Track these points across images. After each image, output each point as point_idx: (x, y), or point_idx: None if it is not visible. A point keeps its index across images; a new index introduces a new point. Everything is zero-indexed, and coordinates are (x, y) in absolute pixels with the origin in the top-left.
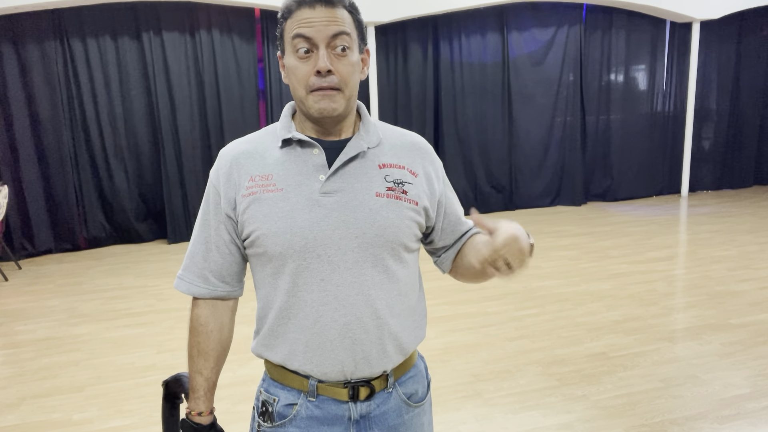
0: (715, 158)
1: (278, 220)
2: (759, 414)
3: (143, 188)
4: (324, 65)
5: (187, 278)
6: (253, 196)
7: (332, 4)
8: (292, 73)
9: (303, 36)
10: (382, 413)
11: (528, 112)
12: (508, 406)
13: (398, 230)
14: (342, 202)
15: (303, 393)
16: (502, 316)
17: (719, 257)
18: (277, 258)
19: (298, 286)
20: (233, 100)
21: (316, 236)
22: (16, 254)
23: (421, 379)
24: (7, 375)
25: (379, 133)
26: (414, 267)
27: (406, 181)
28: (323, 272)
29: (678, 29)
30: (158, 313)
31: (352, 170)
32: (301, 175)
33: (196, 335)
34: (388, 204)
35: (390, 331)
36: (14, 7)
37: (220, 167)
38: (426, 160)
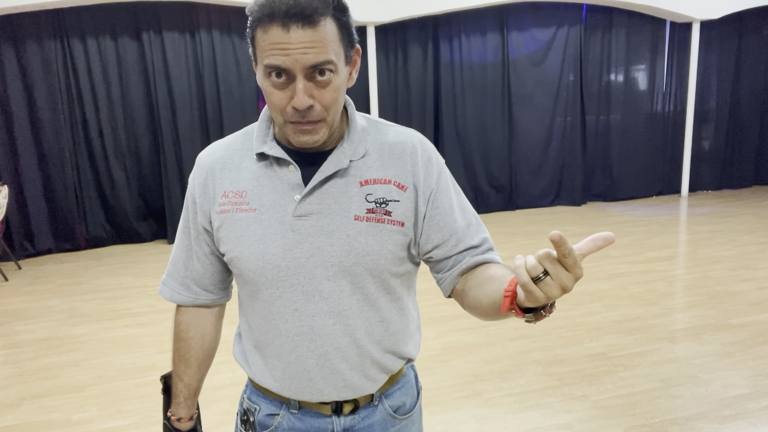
0: (715, 158)
1: (250, 245)
2: (759, 414)
3: (143, 188)
4: (302, 103)
5: (170, 285)
6: (226, 215)
7: (311, 22)
8: (267, 97)
9: (276, 67)
10: (367, 426)
11: (528, 112)
12: (508, 406)
13: (379, 257)
14: (317, 226)
15: (285, 404)
16: None
17: (719, 257)
18: (251, 283)
19: (272, 313)
20: (233, 100)
21: (289, 264)
22: (16, 254)
23: (409, 390)
24: (7, 375)
25: (366, 142)
26: (402, 290)
27: (390, 199)
28: (297, 302)
29: (678, 29)
30: (158, 313)
31: (330, 189)
32: (275, 194)
33: (178, 341)
34: (367, 228)
35: (372, 358)
36: (14, 7)
37: (196, 176)
38: (418, 164)
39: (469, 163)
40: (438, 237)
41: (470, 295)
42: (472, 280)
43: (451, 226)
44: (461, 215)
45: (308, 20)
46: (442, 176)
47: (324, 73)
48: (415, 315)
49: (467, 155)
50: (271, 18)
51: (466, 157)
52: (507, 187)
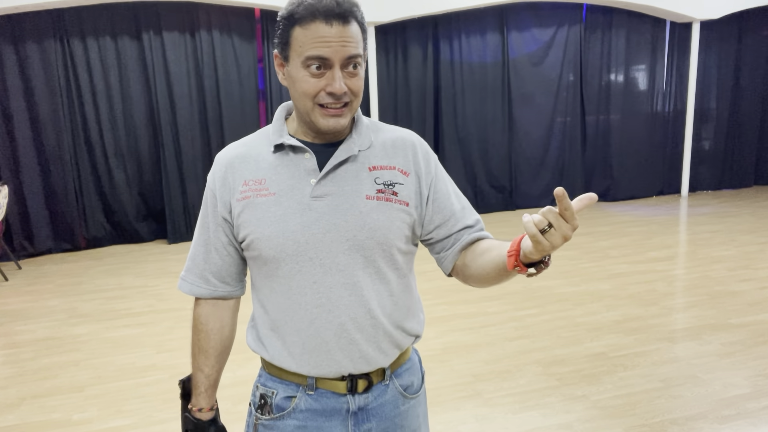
0: (715, 158)
1: (271, 225)
2: (759, 414)
3: (143, 188)
4: (340, 88)
5: (189, 279)
6: (246, 201)
7: (347, 21)
8: (299, 85)
9: (319, 57)
10: (380, 405)
11: (528, 112)
12: (508, 406)
13: (388, 232)
14: (332, 205)
15: (302, 386)
16: (502, 316)
17: (719, 257)
18: (271, 261)
19: (292, 289)
20: (233, 100)
21: (308, 240)
22: (16, 254)
23: (416, 371)
24: (7, 375)
25: (371, 135)
26: (406, 269)
27: (396, 182)
28: (315, 275)
29: (678, 29)
30: (158, 313)
31: (343, 174)
32: (293, 179)
33: (197, 333)
34: (378, 206)
35: (384, 329)
36: (14, 7)
37: (215, 171)
38: (418, 155)
39: (469, 163)
40: (439, 217)
41: (472, 265)
42: (471, 254)
43: (450, 208)
44: (456, 200)
45: (346, 19)
46: (438, 167)
47: (356, 66)
48: (417, 296)
49: (467, 155)
50: (314, 16)
51: (466, 157)
52: (507, 187)
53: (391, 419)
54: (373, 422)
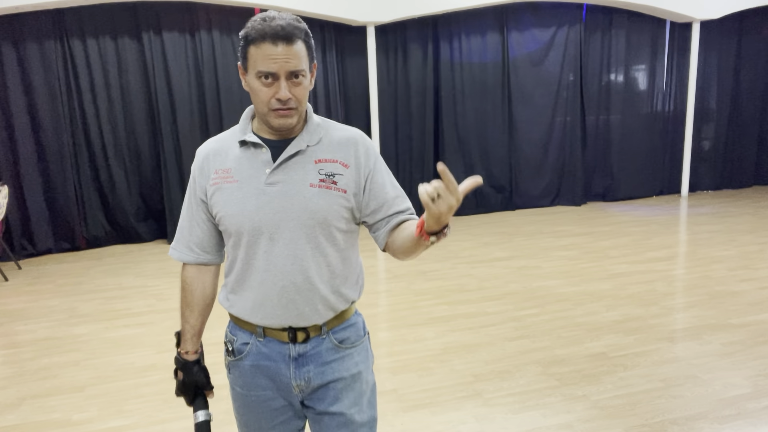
0: (715, 158)
1: (233, 205)
2: (759, 414)
3: (143, 188)
4: (284, 95)
5: (178, 248)
6: (216, 186)
7: (291, 41)
8: (256, 94)
9: (267, 72)
10: (317, 353)
11: (528, 112)
12: (508, 406)
13: (327, 214)
14: (282, 191)
15: (254, 334)
16: (502, 316)
17: (719, 257)
18: (234, 234)
19: (249, 256)
20: (233, 100)
21: (261, 218)
22: (16, 254)
23: (356, 330)
24: (7, 375)
25: (320, 133)
26: (347, 245)
27: (336, 173)
28: (266, 246)
29: (678, 29)
30: (158, 313)
31: (292, 165)
32: (252, 169)
33: (184, 292)
34: (319, 193)
35: (320, 294)
36: (14, 7)
37: (196, 162)
38: (359, 151)
39: (469, 163)
40: (374, 204)
41: (396, 240)
42: (397, 233)
43: (383, 197)
44: (392, 189)
45: (289, 40)
46: (378, 161)
47: (298, 77)
48: (357, 267)
49: (467, 155)
50: (263, 38)
51: (466, 157)
52: (507, 187)
53: (327, 364)
54: (310, 366)
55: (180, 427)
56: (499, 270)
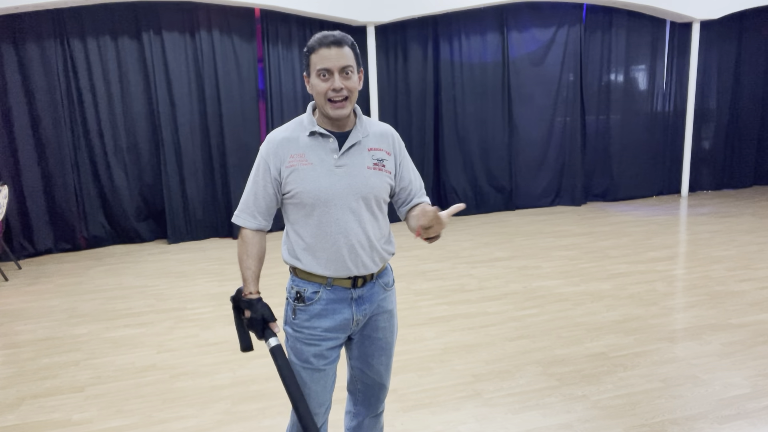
0: (715, 158)
1: (311, 182)
2: (759, 414)
3: (143, 188)
4: (338, 86)
5: (242, 217)
6: (292, 167)
7: (341, 45)
8: (316, 88)
9: (324, 69)
10: (370, 294)
11: (528, 112)
12: (508, 406)
13: (380, 190)
14: (348, 172)
15: (323, 285)
16: (502, 316)
17: (719, 257)
18: (309, 206)
19: (322, 223)
20: (233, 100)
21: (333, 193)
22: (16, 254)
23: (390, 275)
24: (7, 375)
25: (367, 127)
26: (386, 212)
27: (384, 159)
28: (337, 214)
29: (678, 29)
30: (158, 313)
31: (354, 152)
32: (323, 154)
33: (246, 246)
34: (374, 174)
35: (376, 249)
36: (14, 7)
37: (269, 147)
38: (395, 143)
39: (469, 163)
40: (402, 183)
41: (410, 219)
42: (410, 213)
43: (409, 180)
44: (413, 173)
45: (340, 44)
46: (404, 151)
47: (348, 73)
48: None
49: (467, 155)
50: (320, 45)
51: (466, 157)
52: (507, 187)
53: (378, 303)
54: (366, 304)
55: (180, 427)
56: (499, 270)
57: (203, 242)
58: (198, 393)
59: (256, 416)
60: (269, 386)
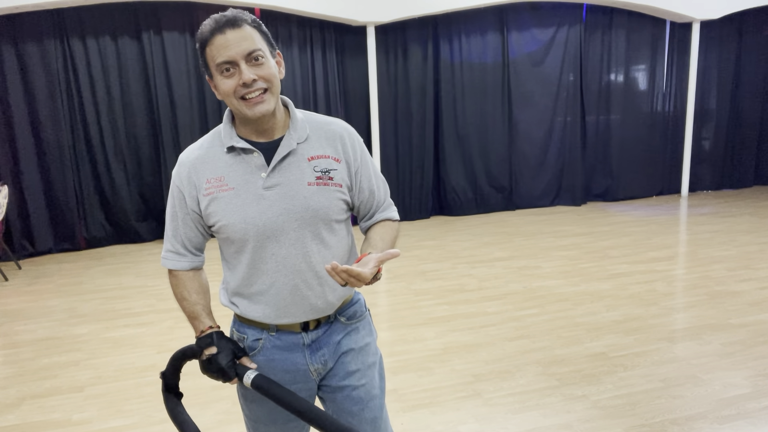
0: (715, 158)
1: (234, 214)
2: (759, 414)
3: (143, 188)
4: (248, 77)
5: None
6: (211, 195)
7: (238, 24)
8: (221, 88)
9: (225, 61)
10: (328, 335)
11: (528, 112)
12: (508, 406)
13: (328, 210)
14: (281, 193)
15: (266, 330)
16: (502, 316)
17: (719, 257)
18: (238, 241)
19: (255, 260)
20: None
21: (265, 223)
22: (16, 254)
23: (359, 306)
24: (7, 375)
25: (306, 128)
26: (344, 232)
27: (331, 168)
28: (273, 248)
29: (678, 29)
30: (158, 313)
31: (287, 166)
32: (246, 175)
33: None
34: (318, 191)
35: (329, 285)
36: (14, 7)
37: (181, 171)
38: (346, 145)
39: (469, 163)
40: (363, 195)
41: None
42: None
43: (370, 189)
44: (375, 182)
45: (235, 24)
46: (363, 154)
47: (257, 58)
48: (352, 245)
49: (467, 155)
50: (212, 33)
51: (466, 157)
52: (507, 187)
53: (338, 342)
54: (324, 349)
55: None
56: (499, 270)
57: None
58: (198, 393)
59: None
60: None
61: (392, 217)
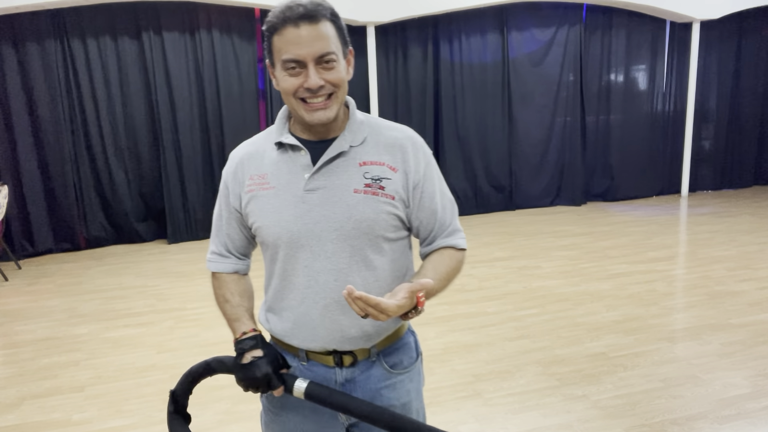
0: (715, 158)
1: (269, 215)
2: (759, 414)
3: (143, 188)
4: (315, 83)
5: (212, 259)
6: (252, 193)
7: (315, 19)
8: (282, 85)
9: (293, 60)
10: (365, 378)
11: (528, 112)
12: (508, 406)
13: (374, 223)
14: (323, 198)
15: (297, 357)
16: (502, 316)
17: (719, 257)
18: (271, 246)
19: (287, 271)
20: (233, 100)
21: (300, 229)
22: (16, 254)
23: (408, 351)
24: (7, 375)
25: (365, 131)
26: (396, 254)
27: (384, 177)
28: (306, 260)
29: (678, 29)
30: (158, 313)
31: (334, 168)
32: (290, 174)
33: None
34: (364, 199)
35: None
36: (14, 7)
37: (228, 167)
38: (408, 154)
39: (469, 163)
40: (423, 214)
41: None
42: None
43: (433, 209)
44: (440, 203)
45: (313, 19)
46: (429, 167)
47: (329, 61)
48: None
49: (467, 155)
50: (284, 23)
51: (466, 157)
52: (507, 187)
53: (377, 391)
54: (359, 393)
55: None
56: (499, 270)
57: (203, 242)
58: (198, 393)
59: (256, 416)
60: None
61: (457, 244)
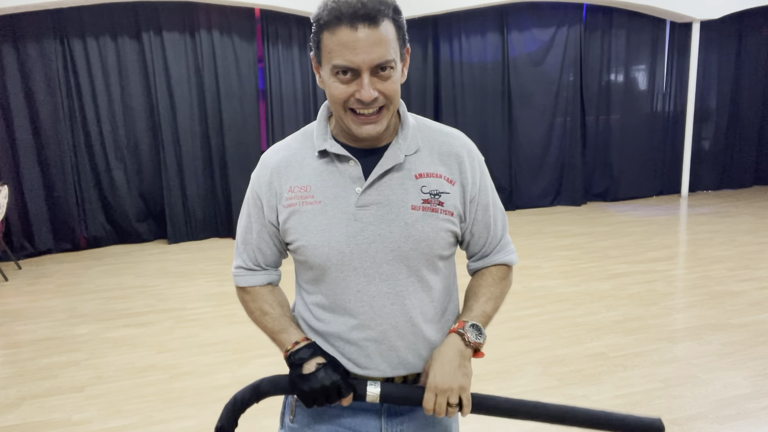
0: (715, 158)
1: (317, 234)
2: (759, 414)
3: (143, 188)
4: (369, 96)
5: (239, 274)
6: (292, 208)
7: (375, 22)
8: (330, 91)
9: (345, 66)
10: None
11: (528, 112)
12: None
13: (433, 243)
14: (378, 215)
15: None
16: (502, 316)
17: (719, 257)
18: (317, 268)
19: (336, 294)
20: (233, 100)
21: (353, 250)
22: (16, 254)
23: None
24: (7, 375)
25: (418, 139)
26: (448, 271)
27: (442, 191)
28: (359, 284)
29: (678, 29)
30: (158, 313)
31: (389, 182)
32: (338, 187)
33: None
34: (423, 217)
35: (424, 336)
36: (14, 7)
37: (262, 176)
38: (464, 165)
39: None
40: (477, 227)
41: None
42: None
43: (486, 222)
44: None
45: (373, 20)
46: (483, 176)
47: (386, 69)
48: (456, 299)
49: None
50: (338, 20)
51: None
52: (507, 187)
53: (423, 418)
54: (405, 416)
55: (180, 427)
56: None
57: (203, 242)
58: (198, 393)
59: (256, 416)
60: None
61: (509, 261)
